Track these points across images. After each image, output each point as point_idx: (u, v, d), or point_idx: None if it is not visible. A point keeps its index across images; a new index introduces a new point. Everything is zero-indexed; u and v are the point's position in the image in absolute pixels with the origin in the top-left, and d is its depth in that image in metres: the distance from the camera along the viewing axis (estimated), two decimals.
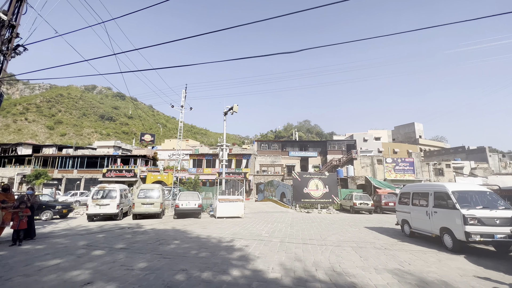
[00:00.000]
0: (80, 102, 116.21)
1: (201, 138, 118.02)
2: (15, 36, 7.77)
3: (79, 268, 4.87)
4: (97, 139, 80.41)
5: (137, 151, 36.88)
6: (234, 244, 7.12)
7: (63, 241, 7.62)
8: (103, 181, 29.67)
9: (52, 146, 41.76)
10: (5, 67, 7.49)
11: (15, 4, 7.87)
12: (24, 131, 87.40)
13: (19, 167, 36.25)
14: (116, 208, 12.35)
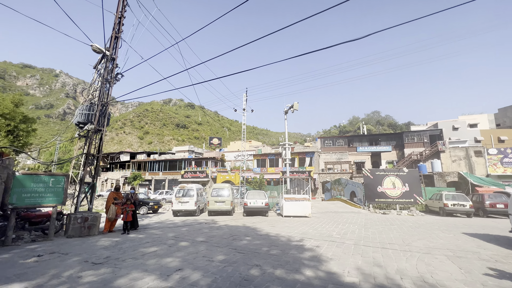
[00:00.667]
0: (160, 114, 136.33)
1: (262, 138, 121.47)
2: (115, 66, 9.70)
3: (171, 256, 5.69)
4: (175, 145, 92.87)
5: (207, 153, 40.70)
6: (304, 243, 7.01)
7: (157, 232, 9.06)
8: (182, 182, 33.92)
9: (143, 153, 50.33)
10: (110, 92, 9.44)
11: (113, 41, 9.83)
12: (123, 142, 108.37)
13: (122, 171, 45.09)
14: (194, 205, 13.93)
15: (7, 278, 4.23)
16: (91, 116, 9.18)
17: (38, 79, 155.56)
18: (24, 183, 7.06)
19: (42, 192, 7.34)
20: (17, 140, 29.19)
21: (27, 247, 6.52)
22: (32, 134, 32.66)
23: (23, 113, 31.68)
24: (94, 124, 9.13)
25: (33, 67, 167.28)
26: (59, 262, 5.16)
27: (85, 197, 9.15)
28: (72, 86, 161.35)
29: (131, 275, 4.37)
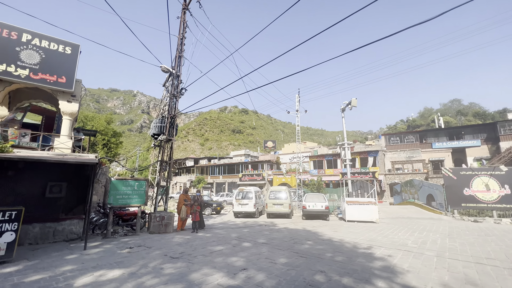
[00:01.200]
0: (218, 122, 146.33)
1: (318, 139, 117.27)
2: (180, 82, 10.90)
3: (236, 255, 5.97)
4: (231, 150, 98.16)
5: (263, 157, 41.56)
6: (373, 252, 6.40)
7: (221, 232, 9.67)
8: (240, 184, 35.48)
9: (205, 158, 54.75)
10: (177, 105, 10.63)
11: (177, 60, 11.07)
12: (188, 149, 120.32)
13: (188, 175, 49.96)
14: (253, 208, 14.35)
15: (110, 265, 5.16)
16: (163, 128, 10.52)
17: (122, 100, 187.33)
18: (117, 186, 8.55)
19: (130, 194, 8.74)
20: (110, 151, 35.62)
21: (122, 240, 7.84)
22: (120, 146, 39.28)
23: (113, 129, 38.53)
24: (166, 135, 10.42)
25: (118, 90, 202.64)
26: (146, 254, 6.03)
27: (161, 199, 10.47)
28: (146, 103, 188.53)
29: (203, 271, 4.77)
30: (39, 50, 9.81)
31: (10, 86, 9.54)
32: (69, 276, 4.45)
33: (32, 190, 7.62)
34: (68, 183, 8.22)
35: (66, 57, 10.27)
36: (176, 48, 10.86)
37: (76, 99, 10.56)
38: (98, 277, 4.41)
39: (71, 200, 8.24)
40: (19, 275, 4.54)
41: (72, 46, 10.49)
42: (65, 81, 10.08)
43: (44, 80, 9.71)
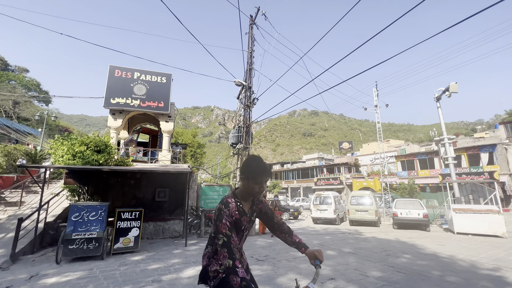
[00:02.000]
0: (287, 127, 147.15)
1: (404, 135, 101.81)
2: (252, 93, 11.57)
3: None
4: (303, 153, 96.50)
5: (338, 159, 39.03)
6: (504, 275, 4.96)
7: (302, 238, 9.52)
8: (315, 189, 34.26)
9: (278, 163, 55.73)
10: (251, 115, 11.30)
11: (248, 73, 11.81)
12: (261, 155, 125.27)
13: None
14: (333, 214, 13.55)
15: None
16: (240, 137, 11.36)
17: (202, 115, 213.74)
18: (206, 192, 9.68)
19: (217, 198, 9.74)
20: (196, 161, 40.85)
21: None
22: (204, 156, 44.54)
23: (198, 142, 44.16)
24: (243, 143, 11.20)
25: (199, 107, 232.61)
26: None
27: None
28: (222, 116, 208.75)
29: (288, 275, 4.78)
30: (145, 83, 12.32)
31: (128, 114, 12.32)
32: (178, 268, 5.26)
33: (146, 195, 9.53)
34: (169, 189, 9.88)
35: (162, 85, 12.54)
36: (246, 62, 11.65)
37: (171, 119, 12.70)
38: (198, 271, 5.05)
39: (172, 203, 9.86)
40: (143, 263, 5.69)
41: (166, 76, 12.74)
42: (163, 105, 12.29)
43: (149, 107, 12.11)
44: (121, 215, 6.59)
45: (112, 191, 9.05)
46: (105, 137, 9.18)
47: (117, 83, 11.96)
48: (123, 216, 6.62)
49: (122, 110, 12.05)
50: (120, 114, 12.04)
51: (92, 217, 6.01)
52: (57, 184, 10.53)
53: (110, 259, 6.01)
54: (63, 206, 8.58)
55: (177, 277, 4.72)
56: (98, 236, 5.95)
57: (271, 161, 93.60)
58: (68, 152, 7.61)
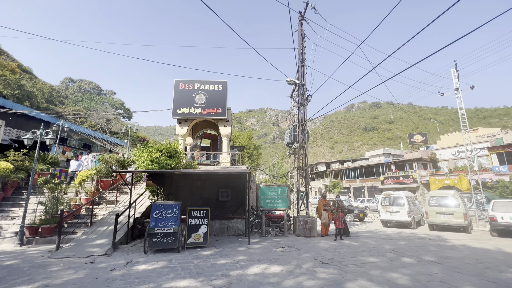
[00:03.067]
0: (345, 122, 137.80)
1: (498, 122, 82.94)
2: (305, 90, 11.26)
3: (396, 271, 5.12)
4: (366, 150, 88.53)
5: (409, 154, 34.37)
6: None
7: (370, 242, 8.71)
8: (383, 189, 30.98)
9: (337, 162, 52.71)
10: (305, 113, 11.00)
11: (300, 71, 11.55)
12: (317, 154, 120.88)
13: (321, 180, 49.82)
14: (408, 216, 11.97)
15: (270, 260, 5.91)
16: (295, 136, 11.19)
17: (256, 117, 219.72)
18: (265, 192, 9.86)
19: (275, 198, 9.82)
20: (253, 162, 42.12)
21: (274, 239, 8.85)
22: (260, 157, 45.60)
23: (254, 143, 45.52)
24: (299, 142, 10.99)
25: (252, 110, 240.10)
26: (297, 255, 6.44)
27: (302, 203, 10.98)
28: (275, 116, 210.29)
29: (358, 282, 4.42)
30: (204, 92, 13.39)
31: (192, 122, 13.59)
32: (243, 265, 5.50)
33: (210, 195, 10.31)
34: (231, 190, 10.44)
35: (219, 92, 13.40)
36: (298, 59, 11.42)
37: (229, 124, 13.44)
38: (263, 269, 5.16)
39: (234, 203, 10.38)
40: (213, 258, 6.15)
41: (222, 83, 13.57)
42: (221, 111, 13.12)
43: (209, 113, 13.10)
44: (191, 213, 7.30)
45: (182, 192, 10.12)
46: (175, 143, 10.35)
47: (182, 95, 13.37)
48: (193, 214, 7.32)
49: (186, 119, 13.40)
50: (185, 122, 13.42)
51: (169, 215, 6.84)
52: (140, 186, 12.41)
53: (184, 252, 6.72)
54: (146, 204, 10.04)
55: (243, 273, 4.93)
56: (174, 231, 6.73)
57: (329, 160, 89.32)
58: (147, 158, 8.89)
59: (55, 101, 39.13)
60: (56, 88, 44.01)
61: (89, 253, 6.37)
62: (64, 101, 40.62)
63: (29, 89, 34.50)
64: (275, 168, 53.73)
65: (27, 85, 34.85)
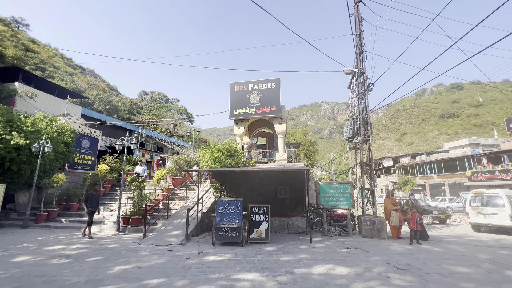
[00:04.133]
0: (415, 110, 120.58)
1: None
2: (366, 78, 10.30)
3: (497, 286, 4.20)
4: (444, 141, 75.43)
5: (508, 144, 27.76)
6: None
7: (457, 248, 7.39)
8: (472, 186, 25.96)
9: (406, 155, 46.66)
10: (367, 103, 10.07)
11: (359, 58, 10.61)
12: (382, 148, 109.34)
13: (388, 177, 44.91)
14: (510, 220, 9.70)
15: (335, 261, 5.63)
16: (356, 129, 10.36)
17: (310, 112, 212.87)
18: (325, 189, 9.46)
19: (337, 196, 9.31)
20: (309, 158, 40.99)
21: (337, 239, 8.40)
22: (317, 153, 44.05)
23: (309, 140, 44.25)
24: (360, 136, 10.13)
25: (306, 105, 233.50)
26: (365, 258, 5.95)
27: (368, 202, 10.11)
28: (330, 110, 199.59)
29: None
30: (258, 92, 13.68)
31: (248, 121, 14.06)
32: (307, 263, 5.39)
33: (269, 192, 10.47)
34: (289, 187, 10.39)
35: (273, 90, 13.48)
36: (355, 46, 10.51)
37: (283, 121, 13.40)
38: (328, 270, 4.95)
39: (293, 200, 10.30)
40: (275, 254, 6.23)
41: (275, 81, 13.61)
42: (275, 109, 13.18)
43: (264, 112, 13.33)
44: (252, 210, 7.57)
45: (243, 189, 10.59)
46: (233, 143, 10.91)
47: (237, 97, 14.00)
48: (254, 210, 7.57)
49: (243, 119, 13.96)
50: (241, 122, 14.00)
51: (232, 210, 7.25)
52: (205, 183, 13.55)
53: (248, 246, 7.01)
54: (211, 200, 10.90)
55: (307, 272, 4.83)
56: (238, 226, 7.10)
57: (396, 153, 79.95)
58: (210, 158, 9.63)
59: (134, 112, 46.26)
60: (134, 101, 51.94)
61: (167, 242, 7.29)
62: (141, 111, 47.58)
63: (116, 104, 41.66)
64: (333, 165, 51.17)
65: (114, 101, 42.17)
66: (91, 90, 40.09)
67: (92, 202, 8.16)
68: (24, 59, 35.86)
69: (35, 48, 40.66)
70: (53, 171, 11.21)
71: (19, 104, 14.55)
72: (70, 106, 18.10)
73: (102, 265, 5.12)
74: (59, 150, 11.22)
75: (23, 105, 14.72)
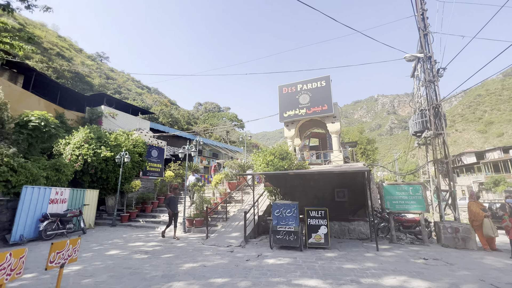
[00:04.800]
0: (504, 94, 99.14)
1: None
2: (434, 63, 8.95)
3: None
4: None
5: None
6: None
7: None
8: None
9: (495, 149, 38.61)
10: (438, 91, 8.72)
11: (423, 40, 9.31)
12: (459, 141, 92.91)
13: (469, 176, 37.81)
14: None
15: (410, 273, 4.95)
16: (425, 122, 9.05)
17: (365, 108, 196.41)
18: (391, 191, 8.50)
19: (406, 199, 8.26)
20: (368, 158, 37.75)
21: (410, 248, 7.41)
22: (376, 152, 40.32)
23: (366, 137, 40.86)
24: (431, 129, 8.80)
25: (360, 101, 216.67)
26: (449, 272, 5.07)
27: (446, 206, 8.67)
28: (389, 103, 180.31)
29: None
30: (307, 92, 13.33)
31: (298, 123, 13.81)
32: (375, 273, 4.89)
33: (325, 195, 9.98)
34: (347, 189, 9.70)
35: (323, 88, 12.94)
36: (417, 28, 9.26)
37: (337, 119, 12.69)
38: (402, 283, 4.39)
39: (353, 204, 9.56)
40: (337, 260, 5.86)
41: (325, 79, 13.03)
42: (326, 107, 12.61)
43: (314, 112, 12.89)
44: (309, 213, 7.32)
45: (297, 192, 10.37)
46: (284, 146, 10.83)
47: (286, 99, 13.91)
48: (311, 214, 7.31)
49: (293, 121, 13.77)
50: (292, 124, 13.83)
51: (288, 214, 7.15)
52: (259, 186, 13.80)
53: (307, 251, 6.79)
54: (266, 203, 11.01)
55: (377, 283, 4.38)
56: (295, 230, 6.95)
57: (480, 148, 66.96)
58: (263, 162, 9.76)
59: (191, 122, 50.75)
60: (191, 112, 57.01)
61: (228, 243, 7.64)
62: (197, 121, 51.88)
63: (176, 116, 46.42)
64: (397, 164, 46.02)
65: (174, 114, 47.08)
66: (156, 106, 45.61)
67: (174, 204, 8.86)
68: (106, 86, 43.18)
69: (113, 76, 48.53)
70: (131, 178, 13.08)
71: (104, 123, 17.56)
72: (141, 121, 20.95)
73: (173, 262, 5.67)
74: (135, 160, 13.04)
75: (107, 123, 17.71)
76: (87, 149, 11.09)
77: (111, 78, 47.98)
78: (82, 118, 16.87)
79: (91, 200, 10.77)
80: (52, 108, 14.65)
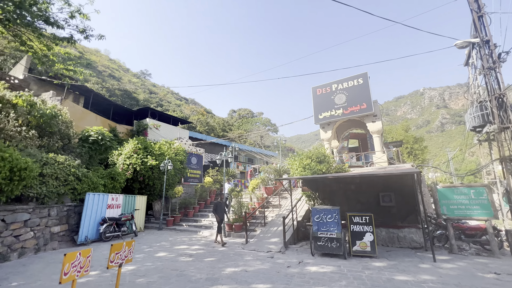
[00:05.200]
0: None
1: None
2: (494, 48, 7.84)
3: None
4: None
5: None
6: None
7: None
8: None
9: None
10: (501, 79, 7.58)
11: (478, 23, 8.24)
12: None
13: None
14: None
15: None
16: (486, 116, 7.92)
17: (409, 104, 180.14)
18: (447, 195, 7.58)
19: (467, 204, 7.27)
20: (416, 158, 34.41)
21: (475, 260, 6.46)
22: (425, 151, 36.60)
23: (412, 136, 37.40)
24: (495, 123, 7.65)
25: (403, 96, 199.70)
26: None
27: None
28: (438, 97, 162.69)
29: None
30: (343, 91, 12.76)
31: (335, 124, 13.26)
32: (433, 287, 4.37)
33: (369, 199, 9.32)
34: (394, 193, 8.92)
35: (361, 86, 12.26)
36: (471, 10, 8.23)
37: (377, 118, 11.86)
38: None
39: (401, 209, 8.75)
40: (387, 271, 5.38)
41: (362, 76, 12.34)
42: (365, 106, 11.89)
43: (352, 112, 12.25)
44: (352, 219, 6.91)
45: (337, 196, 9.89)
46: (321, 149, 10.47)
47: (320, 100, 13.51)
48: (354, 220, 6.89)
49: (329, 122, 13.28)
50: (328, 126, 13.33)
51: (329, 219, 6.85)
52: (297, 191, 13.53)
53: (352, 260, 6.38)
54: (304, 208, 10.72)
55: None
56: (337, 237, 6.61)
57: None
58: (299, 166, 9.56)
59: (227, 129, 52.44)
60: (226, 119, 58.99)
61: (268, 248, 7.59)
62: (232, 128, 53.40)
63: (212, 124, 48.50)
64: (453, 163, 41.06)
65: (210, 122, 49.24)
66: (193, 116, 48.26)
67: (221, 210, 8.87)
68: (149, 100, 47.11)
69: (155, 90, 52.81)
70: (174, 184, 13.96)
71: (149, 134, 19.15)
72: (181, 131, 22.34)
73: (216, 266, 5.82)
74: (177, 167, 13.90)
75: (152, 134, 19.28)
76: (136, 158, 12.19)
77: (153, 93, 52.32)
78: (130, 131, 18.66)
79: (140, 205, 11.75)
80: (107, 123, 16.52)
